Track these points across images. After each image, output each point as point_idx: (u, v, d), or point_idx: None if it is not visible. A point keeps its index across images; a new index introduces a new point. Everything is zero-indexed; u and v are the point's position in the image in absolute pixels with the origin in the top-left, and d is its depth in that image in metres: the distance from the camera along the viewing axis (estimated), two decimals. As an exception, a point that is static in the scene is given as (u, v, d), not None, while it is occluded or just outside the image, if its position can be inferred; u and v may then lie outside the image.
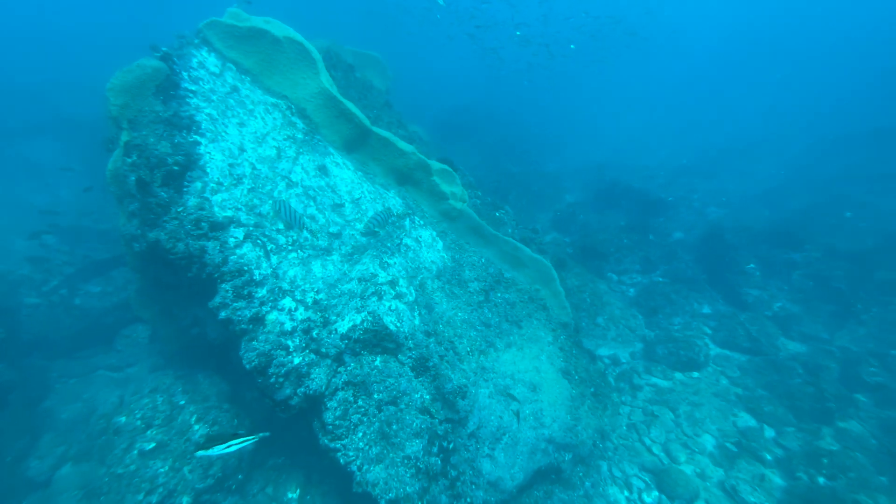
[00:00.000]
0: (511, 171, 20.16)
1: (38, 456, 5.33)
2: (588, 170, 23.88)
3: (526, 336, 6.72)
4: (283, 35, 6.23)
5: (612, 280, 12.28)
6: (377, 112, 9.05)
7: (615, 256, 12.62)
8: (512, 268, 7.20)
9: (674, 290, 11.15)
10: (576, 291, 10.47)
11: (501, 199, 17.41)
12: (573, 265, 11.62)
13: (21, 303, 9.12)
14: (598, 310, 10.38)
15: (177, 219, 4.33)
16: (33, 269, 9.66)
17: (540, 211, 17.58)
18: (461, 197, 7.00)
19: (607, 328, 10.14)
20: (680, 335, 9.40)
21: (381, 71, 13.30)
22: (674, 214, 15.82)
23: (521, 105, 32.76)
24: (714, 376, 8.57)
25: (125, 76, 4.96)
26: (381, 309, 4.86)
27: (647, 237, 13.50)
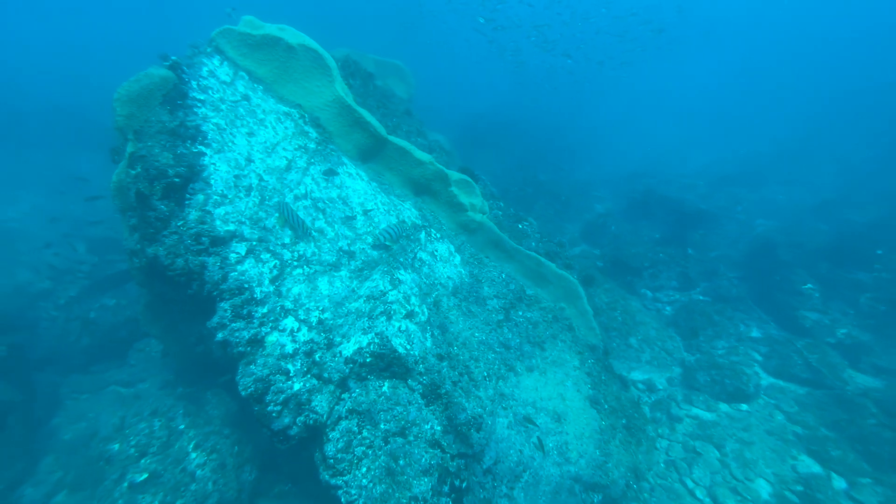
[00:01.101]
0: (539, 180, 19.77)
1: (34, 482, 5.29)
2: (620, 178, 23.24)
3: (550, 359, 6.32)
4: (297, 42, 6.20)
5: (647, 297, 11.65)
6: (397, 120, 8.96)
7: (650, 271, 12.00)
8: (535, 284, 6.84)
9: (716, 309, 10.44)
10: (606, 309, 9.95)
11: (527, 208, 17.06)
12: (603, 280, 11.09)
13: (40, 316, 9.41)
14: (631, 329, 9.82)
15: (176, 233, 4.25)
16: (54, 282, 10.00)
17: (568, 221, 17.09)
18: (481, 208, 6.74)
19: (641, 350, 9.56)
20: (724, 361, 8.71)
21: (403, 78, 13.35)
22: (715, 227, 14.96)
23: (551, 111, 32.42)
24: (767, 410, 7.84)
25: (132, 86, 4.99)
26: (389, 330, 4.61)
27: (685, 251, 12.81)
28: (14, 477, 5.34)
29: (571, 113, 34.19)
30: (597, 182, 23.53)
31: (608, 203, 20.07)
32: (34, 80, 22.91)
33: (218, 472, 4.49)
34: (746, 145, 27.82)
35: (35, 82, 22.71)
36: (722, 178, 21.19)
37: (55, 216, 13.50)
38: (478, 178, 8.05)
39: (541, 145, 26.17)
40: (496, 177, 21.03)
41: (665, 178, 21.40)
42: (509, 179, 19.61)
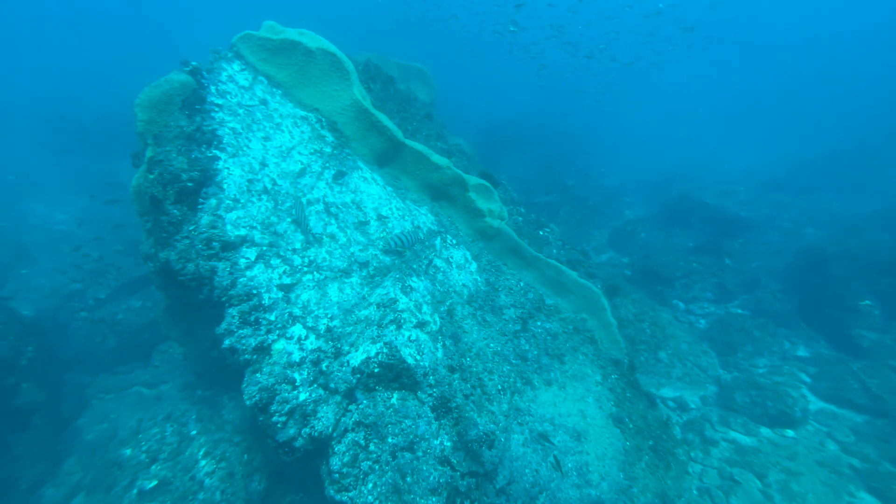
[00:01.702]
0: (565, 184, 19.39)
1: (55, 483, 5.46)
2: (652, 183, 22.55)
3: (569, 373, 6.06)
4: (316, 46, 6.26)
5: (679, 309, 11.12)
6: (417, 124, 8.94)
7: (682, 282, 11.46)
8: (555, 294, 6.60)
9: (757, 324, 9.83)
10: (633, 320, 9.54)
11: (552, 214, 16.73)
12: (631, 290, 10.66)
13: (72, 316, 9.85)
14: (661, 343, 9.35)
15: (188, 238, 4.30)
16: (85, 283, 10.47)
17: (595, 228, 16.63)
18: (499, 214, 6.58)
19: (672, 365, 9.09)
20: (766, 381, 8.15)
21: (426, 82, 13.40)
22: (757, 236, 14.13)
23: (579, 115, 31.90)
24: (817, 438, 7.24)
25: (152, 91, 5.13)
26: (399, 339, 4.50)
27: (723, 261, 12.16)
28: (37, 477, 5.54)
29: (601, 116, 33.55)
30: (627, 187, 22.93)
31: (639, 209, 19.45)
32: (87, 90, 24.36)
33: (226, 482, 4.49)
34: (795, 149, 26.33)
35: (88, 92, 24.14)
36: (765, 184, 20.13)
37: (83, 219, 14.21)
38: (498, 182, 7.90)
39: (568, 149, 25.73)
40: (521, 181, 20.82)
41: (701, 183, 20.49)
42: (534, 184, 19.34)
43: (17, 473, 5.31)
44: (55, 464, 6.07)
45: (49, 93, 23.58)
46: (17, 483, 5.29)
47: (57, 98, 22.90)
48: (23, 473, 5.37)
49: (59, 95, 23.33)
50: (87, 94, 23.61)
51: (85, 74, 28.10)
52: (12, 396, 5.62)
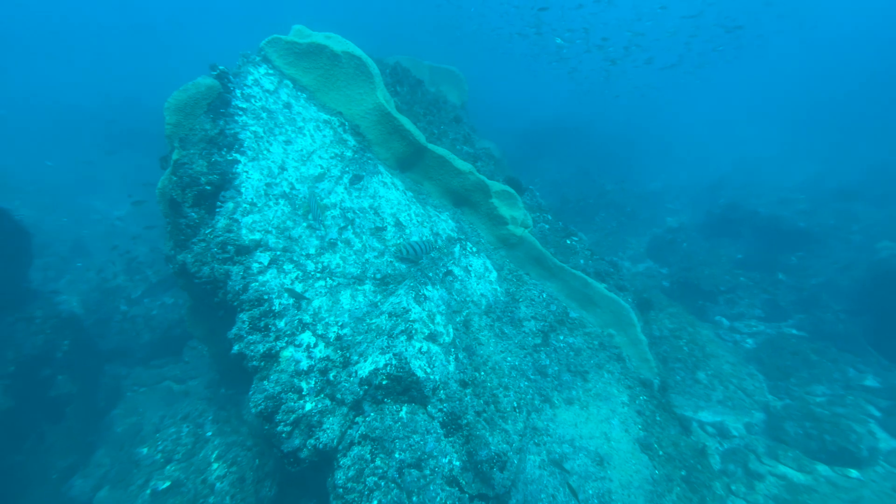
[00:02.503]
0: (602, 189, 18.75)
1: (83, 474, 5.73)
2: (698, 189, 21.44)
3: (593, 392, 5.75)
4: (341, 50, 6.30)
5: (722, 325, 10.42)
6: (444, 128, 8.86)
7: (727, 297, 10.74)
8: (580, 306, 6.30)
9: (815, 348, 9.01)
10: (669, 336, 9.01)
11: (587, 220, 16.20)
12: (668, 303, 10.09)
13: (112, 311, 10.44)
14: (700, 362, 8.78)
15: (204, 241, 4.39)
16: (127, 278, 11.09)
17: (633, 235, 15.96)
18: (523, 222, 6.36)
19: (712, 387, 8.50)
20: (824, 412, 7.43)
21: (457, 85, 13.33)
22: (819, 250, 12.93)
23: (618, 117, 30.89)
24: (888, 483, 6.50)
25: (180, 95, 5.31)
26: (409, 351, 4.40)
27: (775, 276, 11.30)
28: (68, 467, 5.85)
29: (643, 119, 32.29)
30: (670, 193, 21.94)
31: (682, 216, 18.53)
32: (142, 94, 26.02)
33: (236, 487, 4.54)
34: (871, 155, 24.14)
35: (142, 95, 25.78)
36: (833, 193, 18.45)
37: (131, 216, 15.08)
38: (524, 189, 7.67)
39: (607, 153, 24.95)
40: (555, 185, 20.34)
41: (755, 190, 19.22)
42: (569, 188, 18.84)
43: (49, 463, 5.63)
44: (86, 454, 6.40)
45: (106, 97, 25.44)
46: (49, 472, 5.61)
47: (114, 101, 24.68)
48: (55, 463, 5.69)
49: (116, 99, 25.12)
50: (141, 97, 25.21)
51: (142, 80, 30.04)
52: (48, 388, 5.98)
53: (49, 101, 25.50)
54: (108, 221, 16.27)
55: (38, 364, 5.81)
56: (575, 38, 21.53)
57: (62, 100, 25.86)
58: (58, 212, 16.79)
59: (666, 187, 22.81)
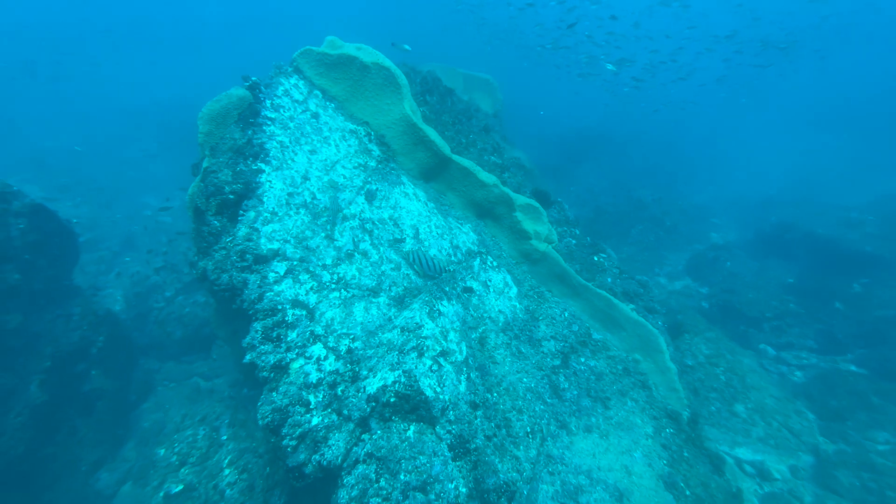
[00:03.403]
0: (643, 201, 18.12)
1: (110, 468, 6.03)
2: (748, 204, 20.30)
3: (614, 420, 5.50)
4: (371, 61, 6.41)
5: (766, 355, 9.76)
6: (473, 137, 8.84)
7: (773, 324, 10.07)
8: (604, 328, 6.07)
9: (878, 389, 8.24)
10: (705, 363, 8.52)
11: (623, 232, 15.68)
12: (706, 327, 9.57)
13: (150, 307, 11.04)
14: (738, 394, 8.25)
15: (225, 249, 4.55)
16: (163, 277, 11.70)
17: (672, 251, 15.30)
18: (547, 237, 6.21)
19: (751, 422, 7.97)
20: (888, 463, 6.77)
21: (490, 93, 13.31)
22: (888, 278, 11.76)
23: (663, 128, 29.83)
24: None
25: (213, 105, 5.56)
26: (419, 368, 4.36)
27: (831, 304, 10.46)
28: (96, 460, 6.18)
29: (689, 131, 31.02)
30: (716, 207, 20.89)
31: (728, 233, 17.60)
32: (202, 98, 27.85)
33: (246, 495, 4.64)
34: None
35: (202, 98, 27.58)
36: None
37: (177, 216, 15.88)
38: (552, 202, 7.50)
39: (649, 163, 24.12)
40: (592, 194, 19.84)
41: (814, 208, 17.69)
42: (605, 198, 18.33)
43: (80, 455, 5.98)
44: (115, 447, 6.74)
45: (165, 99, 27.20)
46: (79, 464, 5.95)
47: (173, 104, 26.34)
48: (85, 456, 6.03)
49: (175, 102, 26.79)
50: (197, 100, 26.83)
51: (201, 84, 32.03)
52: (82, 382, 6.37)
53: (113, 103, 27.58)
54: (158, 218, 17.29)
55: (74, 359, 6.20)
56: (602, 53, 21.04)
57: (125, 101, 27.92)
58: (113, 208, 18.01)
59: (712, 201, 21.76)
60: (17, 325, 5.29)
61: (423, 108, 7.98)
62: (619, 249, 14.52)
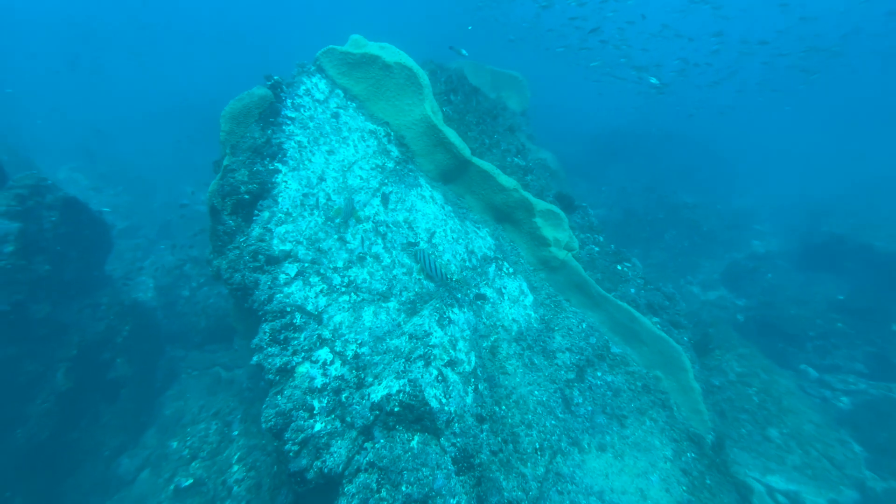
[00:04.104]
0: (675, 203, 17.44)
1: (130, 454, 6.32)
2: (796, 212, 19.15)
3: (631, 440, 5.30)
4: (394, 60, 6.39)
5: (808, 376, 9.20)
6: (497, 137, 8.69)
7: (816, 343, 9.47)
8: (624, 342, 5.85)
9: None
10: (736, 382, 8.12)
11: (654, 237, 15.12)
12: (740, 342, 9.10)
13: (179, 296, 11.50)
14: (773, 417, 7.82)
15: (238, 248, 4.64)
16: (191, 267, 12.16)
17: (707, 258, 14.66)
18: (567, 245, 6.04)
19: (787, 448, 7.53)
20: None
21: (519, 91, 13.08)
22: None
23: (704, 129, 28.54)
24: None
25: (235, 104, 5.67)
26: (425, 378, 4.32)
27: (888, 327, 9.72)
28: (118, 445, 6.49)
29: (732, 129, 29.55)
30: (760, 213, 19.82)
31: (771, 241, 16.71)
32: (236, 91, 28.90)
33: (252, 493, 4.75)
34: None
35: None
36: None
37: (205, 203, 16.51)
38: (576, 206, 7.29)
39: (686, 163, 23.16)
40: (624, 194, 19.25)
41: (871, 219, 16.44)
42: (637, 199, 17.73)
43: (103, 440, 6.30)
44: (137, 434, 7.06)
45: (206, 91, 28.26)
46: (102, 449, 6.27)
47: (214, 95, 27.36)
48: (108, 441, 6.35)
49: (216, 93, 27.81)
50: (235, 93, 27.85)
51: (238, 77, 33.14)
52: (107, 370, 6.69)
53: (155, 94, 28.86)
54: (194, 207, 17.99)
55: (100, 348, 6.52)
56: (622, 56, 20.26)
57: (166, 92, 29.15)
58: (151, 197, 18.90)
59: (756, 207, 20.67)
60: (46, 315, 5.61)
61: (447, 107, 7.89)
62: (649, 255, 14.02)
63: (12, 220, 5.45)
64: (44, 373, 5.42)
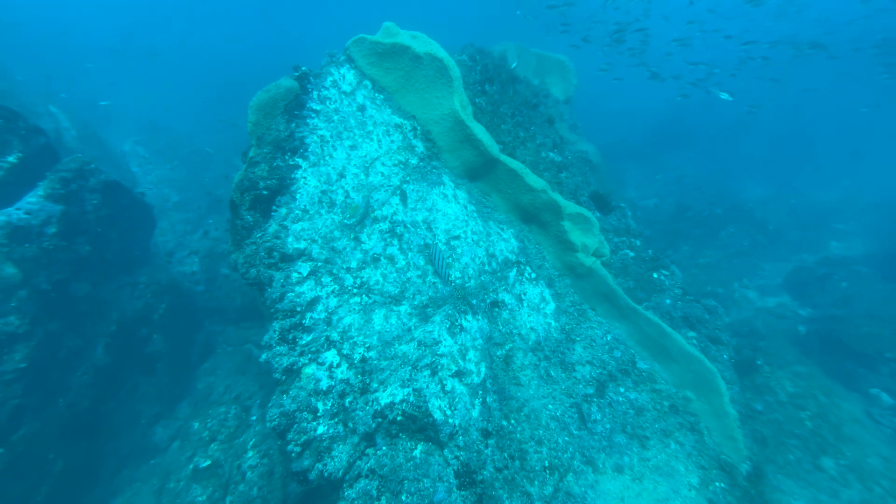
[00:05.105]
0: (739, 196, 16.12)
1: (165, 424, 6.89)
2: (890, 210, 17.09)
3: (652, 463, 5.09)
4: (424, 51, 6.25)
5: (880, 403, 8.37)
6: (534, 130, 8.37)
7: (894, 367, 8.55)
8: (652, 357, 5.57)
9: None
10: (786, 403, 7.57)
11: (709, 234, 14.14)
12: (797, 358, 8.44)
13: (218, 273, 12.23)
14: (828, 445, 7.24)
15: (255, 244, 4.81)
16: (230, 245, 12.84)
17: (769, 259, 13.56)
18: (596, 251, 5.77)
19: (843, 482, 6.97)
20: None
21: (564, 76, 12.46)
22: None
23: (788, 112, 26.00)
24: None
25: (262, 96, 5.78)
26: (430, 388, 4.34)
27: None
28: (154, 415, 7.11)
29: (823, 114, 26.67)
30: (847, 210, 17.84)
31: (853, 243, 15.14)
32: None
33: (265, 479, 5.03)
34: None
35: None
36: None
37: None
38: (612, 208, 6.93)
39: (761, 152, 21.30)
40: (681, 184, 18.13)
41: None
42: (695, 191, 16.58)
43: (140, 410, 6.92)
44: (172, 405, 7.69)
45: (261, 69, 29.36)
46: (140, 418, 6.90)
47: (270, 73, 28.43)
48: (144, 410, 6.97)
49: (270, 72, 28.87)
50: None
51: (286, 56, 34.12)
52: (144, 345, 7.28)
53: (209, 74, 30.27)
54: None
55: (137, 324, 7.10)
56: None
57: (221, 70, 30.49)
58: (206, 171, 20.01)
59: (842, 202, 18.61)
60: (86, 293, 6.15)
61: (481, 98, 7.65)
62: (700, 252, 13.17)
63: (56, 203, 5.98)
64: (84, 347, 6.00)
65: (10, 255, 5.22)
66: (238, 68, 31.04)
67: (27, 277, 5.35)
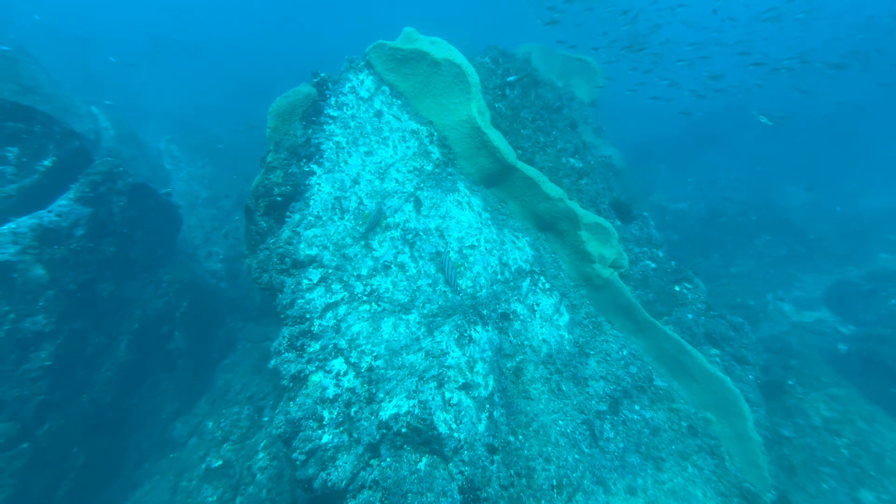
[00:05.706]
0: (778, 202, 15.41)
1: (184, 419, 7.14)
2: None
3: (667, 487, 4.94)
4: (443, 57, 6.28)
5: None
6: (555, 135, 8.25)
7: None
8: (671, 375, 5.40)
9: None
10: (820, 429, 7.21)
11: (743, 242, 13.59)
12: (833, 380, 8.02)
13: (241, 270, 12.59)
14: (867, 478, 6.86)
15: (268, 249, 4.92)
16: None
17: (808, 271, 12.94)
18: (615, 263, 5.64)
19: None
20: None
21: (590, 78, 12.26)
22: None
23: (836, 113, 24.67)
24: None
25: (281, 101, 5.92)
26: (435, 401, 4.33)
27: None
28: (174, 410, 7.38)
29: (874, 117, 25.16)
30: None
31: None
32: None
33: (274, 482, 5.14)
34: None
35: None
36: None
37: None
38: (634, 216, 6.75)
39: (803, 157, 20.32)
40: (716, 187, 17.46)
41: None
42: (730, 195, 15.96)
43: (161, 405, 7.21)
44: (191, 401, 7.97)
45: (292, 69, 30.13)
46: (160, 413, 7.18)
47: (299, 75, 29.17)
48: (165, 406, 7.25)
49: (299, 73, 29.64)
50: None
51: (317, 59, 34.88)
52: (165, 342, 7.57)
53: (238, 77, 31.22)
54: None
55: (159, 322, 7.38)
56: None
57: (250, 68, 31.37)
58: (232, 170, 20.63)
59: (893, 211, 17.51)
60: (111, 293, 6.44)
61: (501, 103, 7.59)
62: (733, 261, 12.67)
63: (85, 206, 6.29)
64: (108, 344, 6.29)
65: (40, 256, 5.53)
66: (265, 69, 31.85)
67: (55, 278, 5.66)
